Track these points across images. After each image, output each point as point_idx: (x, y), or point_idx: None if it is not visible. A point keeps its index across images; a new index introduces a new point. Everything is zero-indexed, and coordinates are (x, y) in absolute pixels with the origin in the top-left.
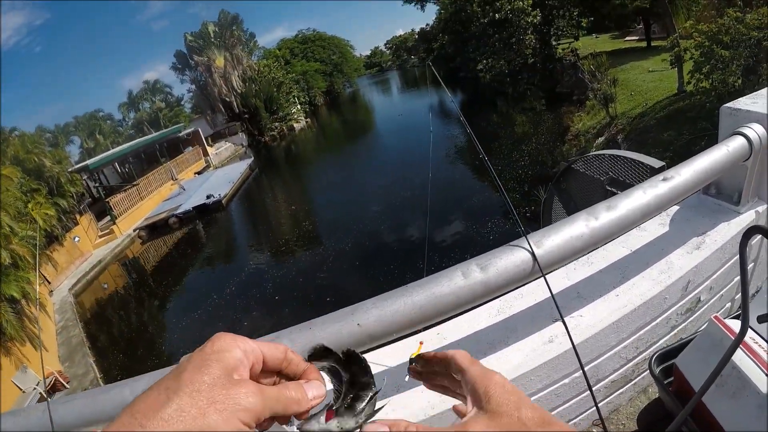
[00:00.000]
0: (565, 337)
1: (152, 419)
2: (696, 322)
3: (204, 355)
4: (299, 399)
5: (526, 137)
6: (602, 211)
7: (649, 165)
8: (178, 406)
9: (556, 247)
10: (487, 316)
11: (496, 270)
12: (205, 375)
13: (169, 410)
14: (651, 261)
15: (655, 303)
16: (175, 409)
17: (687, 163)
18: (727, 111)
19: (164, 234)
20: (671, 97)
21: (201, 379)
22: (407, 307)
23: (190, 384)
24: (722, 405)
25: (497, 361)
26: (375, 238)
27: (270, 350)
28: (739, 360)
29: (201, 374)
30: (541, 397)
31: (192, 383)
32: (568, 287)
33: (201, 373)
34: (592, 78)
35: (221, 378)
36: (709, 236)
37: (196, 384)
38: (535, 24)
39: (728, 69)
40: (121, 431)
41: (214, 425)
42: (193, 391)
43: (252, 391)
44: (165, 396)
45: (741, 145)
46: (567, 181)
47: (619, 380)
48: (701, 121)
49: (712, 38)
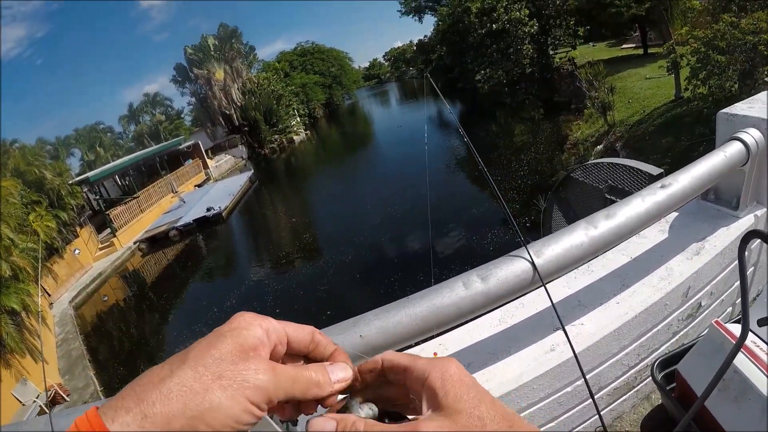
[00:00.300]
0: (566, 345)
1: (151, 392)
2: (697, 328)
3: (219, 333)
4: (320, 381)
5: (525, 147)
6: (601, 219)
7: (647, 172)
8: (180, 379)
9: (556, 256)
10: (488, 326)
11: (496, 280)
12: (215, 350)
13: (170, 384)
14: (651, 268)
15: (655, 309)
16: (177, 383)
17: (685, 170)
18: (724, 116)
19: (165, 247)
20: (669, 103)
21: (209, 353)
22: (409, 318)
23: (196, 358)
24: (725, 409)
25: (499, 371)
26: (375, 250)
27: (296, 331)
28: (741, 364)
29: (211, 349)
30: (544, 405)
31: (199, 358)
32: (569, 296)
33: (211, 348)
34: (590, 86)
35: (232, 353)
36: (708, 242)
37: (202, 359)
38: (533, 34)
39: (725, 74)
40: (119, 403)
41: (217, 402)
42: (198, 365)
43: (263, 368)
44: (168, 370)
45: (738, 151)
46: (566, 190)
47: (622, 387)
48: (699, 126)
49: (708, 44)
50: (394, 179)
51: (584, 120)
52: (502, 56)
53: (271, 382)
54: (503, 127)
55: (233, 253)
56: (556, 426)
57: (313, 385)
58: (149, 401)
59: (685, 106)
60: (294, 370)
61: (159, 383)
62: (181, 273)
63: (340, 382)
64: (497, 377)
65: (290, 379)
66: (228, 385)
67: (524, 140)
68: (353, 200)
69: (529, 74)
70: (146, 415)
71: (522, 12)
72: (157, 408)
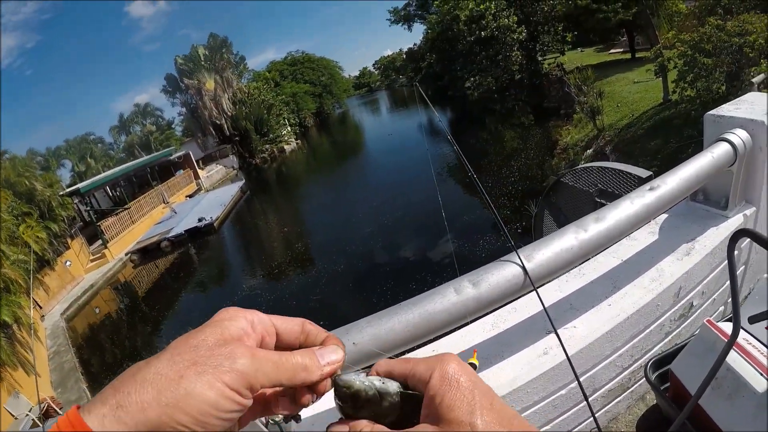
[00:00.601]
0: (559, 348)
1: (127, 382)
2: (690, 328)
3: (202, 326)
4: (307, 365)
5: (516, 153)
6: (591, 222)
7: (636, 175)
8: (155, 368)
9: (546, 260)
10: (481, 331)
11: (488, 285)
12: (193, 339)
13: (144, 373)
14: (642, 269)
15: (647, 311)
16: (152, 371)
17: (673, 172)
18: (711, 118)
19: (156, 258)
20: (657, 106)
21: (187, 343)
22: (401, 325)
23: (173, 348)
24: (719, 407)
25: (493, 376)
26: (367, 258)
27: (285, 323)
28: (734, 362)
29: (189, 339)
30: (539, 409)
31: (176, 347)
32: (561, 299)
33: (190, 338)
34: (579, 91)
35: (211, 342)
36: (698, 242)
37: (179, 348)
38: (521, 40)
39: (712, 76)
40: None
41: (192, 388)
42: (174, 355)
43: (241, 352)
44: (145, 361)
45: (726, 151)
46: (556, 195)
47: (616, 389)
48: (687, 128)
49: (695, 47)
50: (385, 187)
51: (573, 125)
52: (491, 63)
53: (251, 366)
54: (493, 134)
55: (225, 264)
56: (551, 429)
57: (300, 369)
58: (124, 391)
59: (673, 109)
60: (277, 355)
61: (135, 373)
62: (173, 284)
63: (330, 364)
64: (491, 382)
65: (272, 363)
66: (203, 370)
67: (514, 146)
68: (344, 209)
69: (518, 80)
70: (121, 404)
71: (510, 19)
72: (132, 397)
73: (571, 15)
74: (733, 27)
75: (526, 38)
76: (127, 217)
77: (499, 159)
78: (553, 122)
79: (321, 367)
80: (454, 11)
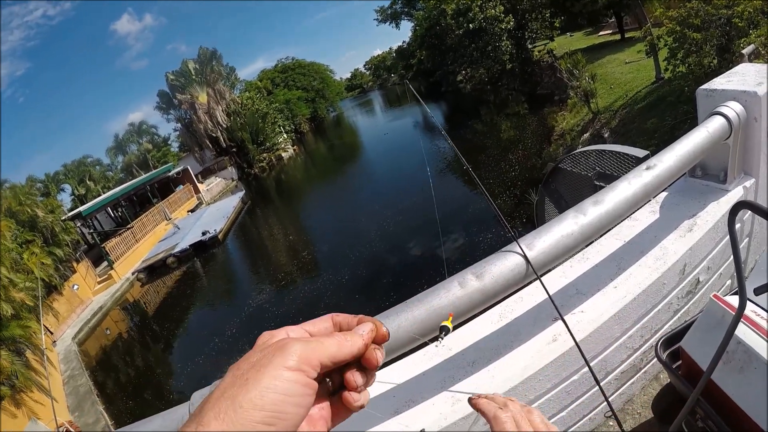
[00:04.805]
0: (568, 335)
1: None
2: (698, 304)
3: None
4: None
5: (513, 142)
6: (590, 206)
7: (634, 155)
8: (221, 388)
9: (547, 247)
10: (489, 323)
11: (491, 276)
12: (246, 358)
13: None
14: (645, 249)
15: (654, 290)
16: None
17: (669, 149)
18: (704, 93)
19: (163, 274)
20: (650, 85)
21: (241, 361)
22: (408, 322)
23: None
24: (732, 381)
25: (504, 366)
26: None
27: (315, 325)
28: (743, 334)
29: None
30: (552, 396)
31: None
32: (566, 285)
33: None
34: (571, 76)
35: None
36: (700, 217)
37: (236, 366)
38: (510, 30)
39: (702, 51)
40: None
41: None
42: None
43: (292, 341)
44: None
45: (721, 125)
46: (556, 181)
47: (629, 370)
48: (682, 105)
49: (683, 23)
50: (385, 188)
51: (568, 110)
52: (482, 55)
53: (304, 347)
54: (489, 125)
55: (232, 276)
56: (566, 415)
57: (343, 341)
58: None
59: (667, 87)
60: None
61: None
62: (182, 300)
63: (367, 333)
64: (502, 373)
65: (318, 342)
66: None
67: (511, 136)
68: (346, 213)
69: (509, 70)
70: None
71: (497, 9)
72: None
73: (557, 0)
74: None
75: (514, 27)
76: (131, 237)
77: (497, 150)
78: (547, 109)
79: (362, 336)
80: (441, 5)
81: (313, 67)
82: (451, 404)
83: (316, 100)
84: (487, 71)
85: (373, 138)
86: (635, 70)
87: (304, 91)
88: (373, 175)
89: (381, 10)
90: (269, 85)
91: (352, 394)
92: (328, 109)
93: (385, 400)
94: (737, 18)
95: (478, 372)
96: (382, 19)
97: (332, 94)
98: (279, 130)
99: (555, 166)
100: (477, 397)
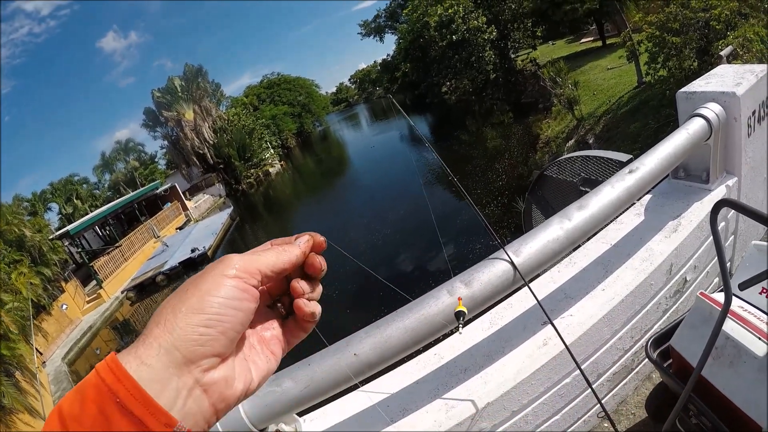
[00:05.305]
0: (559, 338)
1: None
2: (687, 303)
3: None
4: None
5: (499, 151)
6: (574, 211)
7: (617, 160)
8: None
9: (534, 252)
10: (480, 330)
11: (480, 284)
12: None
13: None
14: (632, 251)
15: (642, 291)
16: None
17: (650, 153)
18: (683, 95)
19: (153, 293)
20: (633, 90)
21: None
22: (399, 331)
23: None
24: (722, 376)
25: (496, 372)
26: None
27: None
28: (731, 329)
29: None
30: (545, 400)
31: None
32: (555, 290)
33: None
34: (554, 84)
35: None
36: (684, 218)
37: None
38: (492, 40)
39: (682, 54)
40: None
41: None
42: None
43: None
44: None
45: (701, 126)
46: (542, 189)
47: (621, 371)
48: (664, 108)
49: (662, 27)
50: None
51: (553, 118)
52: (466, 65)
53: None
54: (475, 135)
55: None
56: (561, 418)
57: (281, 251)
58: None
59: (649, 91)
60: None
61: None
62: None
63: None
64: (495, 378)
65: (256, 254)
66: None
67: (497, 145)
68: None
69: (493, 80)
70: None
71: (479, 20)
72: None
73: (538, 9)
74: (697, 3)
75: (497, 37)
76: (119, 255)
77: (484, 160)
78: (532, 117)
79: (298, 245)
80: (424, 18)
81: (298, 82)
82: (445, 411)
83: (302, 115)
84: (471, 82)
85: (359, 151)
86: (617, 76)
87: (290, 106)
88: (361, 189)
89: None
90: (255, 101)
91: (302, 300)
92: (314, 123)
93: (380, 410)
94: (715, 21)
95: (470, 378)
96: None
97: (318, 109)
98: (266, 145)
99: (541, 174)
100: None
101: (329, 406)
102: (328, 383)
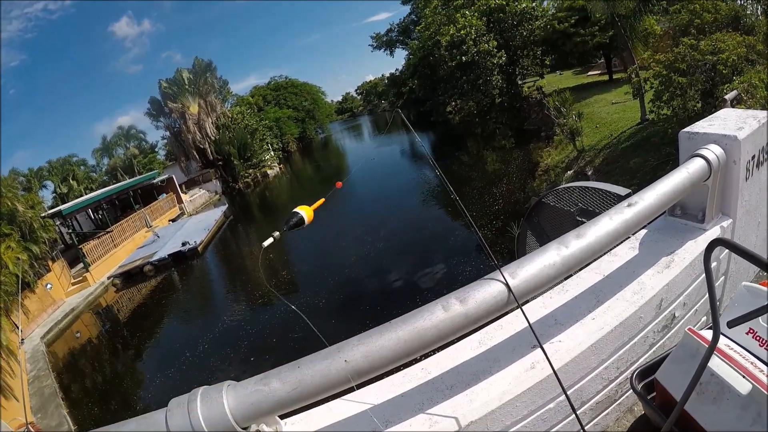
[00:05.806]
0: (546, 362)
1: None
2: (674, 338)
3: None
4: None
5: (498, 175)
6: (572, 239)
7: (616, 193)
8: None
9: (530, 276)
10: (468, 349)
11: (474, 302)
12: None
13: None
14: (624, 283)
15: (630, 323)
16: None
17: (650, 188)
18: (686, 135)
19: (139, 282)
20: (635, 126)
21: None
22: (392, 341)
23: None
24: (705, 411)
25: (482, 391)
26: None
27: None
28: (717, 366)
29: None
30: (528, 422)
31: None
32: (546, 315)
33: None
34: (558, 114)
35: None
36: (677, 255)
37: None
38: (501, 65)
39: (687, 94)
40: None
41: None
42: None
43: None
44: None
45: (701, 167)
46: (539, 215)
47: (604, 401)
48: (665, 146)
49: (669, 67)
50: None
51: (554, 146)
52: (472, 87)
53: None
54: (475, 157)
55: (209, 290)
56: None
57: None
58: None
59: (651, 128)
60: None
61: None
62: (156, 309)
63: None
64: (480, 397)
65: None
66: None
67: (496, 169)
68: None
69: (498, 104)
70: None
71: (490, 44)
72: None
73: (549, 39)
74: (706, 46)
75: (506, 62)
76: (110, 241)
77: (481, 183)
78: (533, 144)
79: None
80: (436, 36)
81: (305, 88)
82: (428, 426)
83: (305, 120)
84: (476, 104)
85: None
86: (621, 111)
87: (294, 110)
88: (358, 200)
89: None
90: (261, 102)
91: None
92: (317, 130)
93: (362, 420)
94: (722, 65)
95: (456, 396)
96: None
97: (322, 116)
98: (267, 147)
99: (539, 201)
100: None
101: (312, 411)
102: (316, 387)
